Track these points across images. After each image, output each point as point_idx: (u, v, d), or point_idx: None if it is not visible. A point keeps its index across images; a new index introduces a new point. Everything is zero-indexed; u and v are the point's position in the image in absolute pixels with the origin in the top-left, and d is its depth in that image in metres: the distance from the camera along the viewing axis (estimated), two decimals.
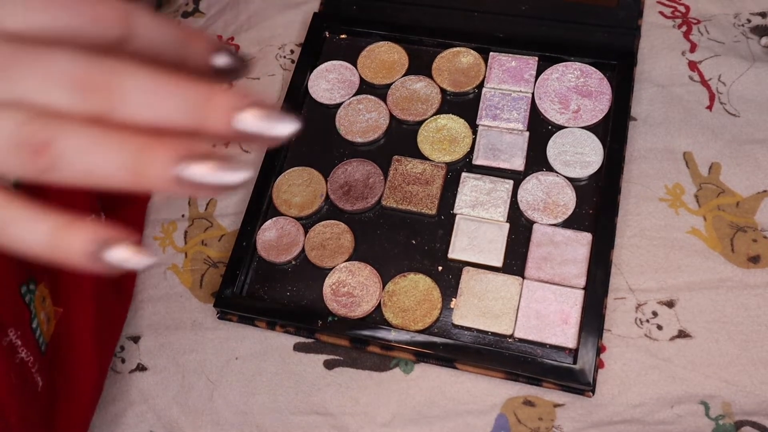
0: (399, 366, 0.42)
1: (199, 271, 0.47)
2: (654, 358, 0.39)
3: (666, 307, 0.41)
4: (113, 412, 0.44)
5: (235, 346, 0.44)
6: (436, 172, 0.45)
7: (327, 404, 0.41)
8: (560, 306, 0.40)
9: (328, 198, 0.46)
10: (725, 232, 0.42)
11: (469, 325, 0.41)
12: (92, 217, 0.43)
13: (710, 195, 0.43)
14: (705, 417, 0.38)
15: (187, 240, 0.48)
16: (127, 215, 0.48)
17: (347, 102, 0.49)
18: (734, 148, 0.44)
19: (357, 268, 0.43)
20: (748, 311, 0.40)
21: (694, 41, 0.48)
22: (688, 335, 0.40)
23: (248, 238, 0.45)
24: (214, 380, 0.43)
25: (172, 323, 0.45)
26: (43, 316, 0.38)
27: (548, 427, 0.39)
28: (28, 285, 0.37)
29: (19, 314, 0.36)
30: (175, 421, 0.43)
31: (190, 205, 0.49)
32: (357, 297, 0.42)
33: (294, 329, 0.43)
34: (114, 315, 0.44)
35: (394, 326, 0.41)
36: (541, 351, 0.40)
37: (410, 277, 0.42)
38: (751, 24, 0.48)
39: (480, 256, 0.42)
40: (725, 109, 0.45)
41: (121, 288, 0.45)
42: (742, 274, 0.41)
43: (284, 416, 0.41)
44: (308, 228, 0.45)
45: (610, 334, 0.40)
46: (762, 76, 0.45)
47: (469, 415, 0.40)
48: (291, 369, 0.43)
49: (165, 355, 0.44)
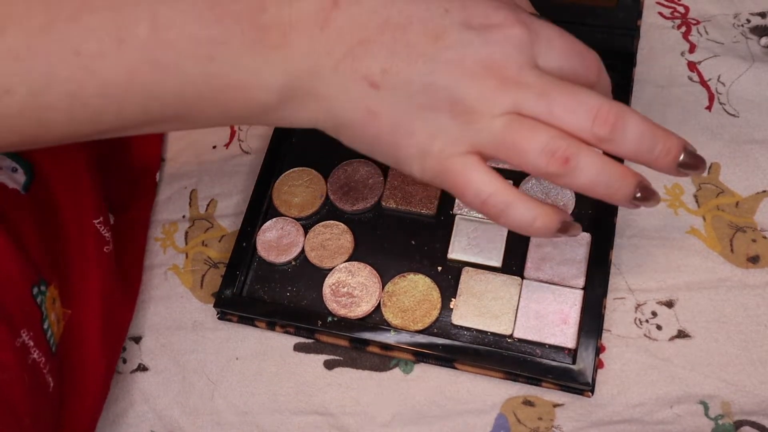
0: (399, 366, 0.42)
1: (199, 272, 0.47)
2: (653, 358, 0.39)
3: (665, 307, 0.41)
4: (114, 412, 0.44)
5: (236, 346, 0.44)
6: None
7: (327, 404, 0.41)
8: (559, 306, 0.40)
9: (328, 198, 0.46)
10: (724, 232, 0.42)
11: (469, 325, 0.41)
12: (100, 220, 0.43)
13: (709, 195, 0.43)
14: (704, 417, 0.38)
15: (188, 241, 0.48)
16: (133, 215, 0.48)
17: None
18: (734, 148, 0.44)
19: (357, 269, 0.43)
20: (748, 311, 0.40)
21: (693, 42, 0.48)
22: (687, 335, 0.40)
23: (248, 239, 0.45)
24: (215, 380, 0.43)
25: (173, 324, 0.45)
26: (53, 317, 0.38)
27: (548, 426, 0.39)
28: (40, 286, 0.37)
29: (31, 315, 0.36)
30: (175, 421, 0.43)
31: (190, 206, 0.49)
32: (357, 297, 0.42)
33: (294, 329, 0.43)
34: (120, 316, 0.44)
35: (394, 326, 0.41)
36: (541, 351, 0.40)
37: (410, 278, 0.43)
38: (751, 24, 0.48)
39: (479, 256, 0.42)
40: (725, 109, 0.45)
41: (127, 289, 0.45)
42: (742, 274, 0.41)
43: (284, 416, 0.42)
44: (308, 228, 0.45)
45: (610, 334, 0.40)
46: (761, 76, 0.46)
47: (469, 414, 0.40)
48: (291, 369, 0.43)
49: (166, 355, 0.45)
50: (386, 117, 0.30)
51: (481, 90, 0.29)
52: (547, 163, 0.30)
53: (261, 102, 0.30)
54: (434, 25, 0.30)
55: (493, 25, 0.30)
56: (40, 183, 0.40)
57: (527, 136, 0.29)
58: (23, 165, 0.40)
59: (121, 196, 0.48)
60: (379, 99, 0.30)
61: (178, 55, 0.28)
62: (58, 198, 0.41)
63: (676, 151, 0.31)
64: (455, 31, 0.30)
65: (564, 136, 0.30)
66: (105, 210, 0.44)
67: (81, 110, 0.28)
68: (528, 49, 0.30)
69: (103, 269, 0.42)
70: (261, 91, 0.30)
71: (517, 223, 0.32)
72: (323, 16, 0.29)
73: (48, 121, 0.28)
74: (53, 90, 0.27)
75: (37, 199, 0.40)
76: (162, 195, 0.50)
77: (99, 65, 0.27)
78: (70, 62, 0.27)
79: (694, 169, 0.32)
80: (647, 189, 0.32)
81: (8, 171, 0.39)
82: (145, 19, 0.27)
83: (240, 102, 0.30)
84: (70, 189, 0.42)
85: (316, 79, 0.30)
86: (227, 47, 0.28)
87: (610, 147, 0.30)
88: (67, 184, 0.42)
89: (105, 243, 0.43)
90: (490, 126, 0.30)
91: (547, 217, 0.32)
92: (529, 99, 0.29)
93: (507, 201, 0.31)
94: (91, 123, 0.29)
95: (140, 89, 0.28)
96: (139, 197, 0.49)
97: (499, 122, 0.30)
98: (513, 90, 0.29)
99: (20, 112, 0.28)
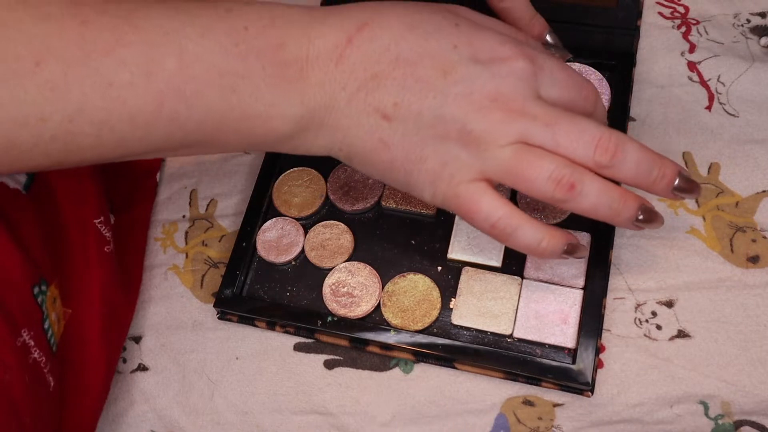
0: (399, 366, 0.42)
1: (199, 272, 0.47)
2: (653, 358, 0.39)
3: (665, 307, 0.41)
4: (114, 412, 0.44)
5: (236, 346, 0.44)
6: None
7: (327, 404, 0.42)
8: (559, 306, 0.40)
9: (328, 198, 0.46)
10: (724, 232, 0.42)
11: (469, 325, 0.41)
12: (101, 219, 0.43)
13: (709, 195, 0.43)
14: (704, 416, 0.38)
15: (188, 240, 0.48)
16: (134, 215, 0.48)
17: None
18: (733, 148, 0.44)
19: (357, 268, 0.43)
20: (747, 311, 0.40)
21: (693, 42, 0.48)
22: (687, 335, 0.40)
23: (248, 239, 0.45)
24: (215, 380, 0.43)
25: (173, 323, 0.45)
26: (54, 316, 0.38)
27: (548, 426, 0.39)
28: (40, 286, 0.37)
29: (31, 315, 0.36)
30: (175, 421, 0.43)
31: (190, 206, 0.49)
32: (356, 297, 0.42)
33: (294, 329, 0.43)
34: (121, 315, 0.44)
35: (394, 326, 0.41)
36: (541, 351, 0.40)
37: (410, 277, 0.43)
38: (751, 24, 0.48)
39: (479, 256, 0.42)
40: (724, 109, 0.45)
41: (127, 288, 0.45)
42: (742, 274, 0.41)
43: (284, 416, 0.42)
44: (308, 228, 0.45)
45: (610, 334, 0.40)
46: (761, 76, 0.46)
47: (469, 414, 0.40)
48: (291, 369, 0.43)
49: (166, 355, 0.45)
50: (398, 147, 0.32)
51: (490, 121, 0.31)
52: (553, 189, 0.32)
53: (278, 131, 0.32)
54: (443, 61, 0.32)
55: (499, 58, 0.32)
56: (41, 183, 0.40)
57: (535, 165, 0.31)
58: None
59: (121, 196, 0.48)
60: (391, 130, 0.32)
61: (203, 86, 0.30)
62: (59, 198, 0.41)
63: (671, 175, 0.33)
64: (463, 65, 0.32)
65: (568, 164, 0.32)
66: (106, 210, 0.44)
67: (108, 136, 0.30)
68: (532, 81, 0.32)
69: (103, 269, 0.42)
70: (279, 121, 0.32)
71: (524, 245, 0.34)
72: (338, 53, 0.31)
73: (77, 145, 0.30)
74: (85, 117, 0.29)
75: (38, 199, 0.40)
76: (162, 195, 0.50)
77: (129, 95, 0.29)
78: (103, 92, 0.29)
79: (688, 193, 0.34)
80: (650, 211, 0.34)
81: None
82: (173, 54, 0.30)
83: (259, 131, 0.32)
84: (71, 189, 0.42)
85: (331, 111, 0.32)
86: (249, 81, 0.31)
87: (610, 173, 0.32)
88: (68, 183, 0.42)
89: (106, 243, 0.43)
90: (498, 155, 0.32)
91: (553, 240, 0.34)
92: (535, 129, 0.31)
93: (515, 224, 0.33)
94: (117, 147, 0.31)
95: (166, 117, 0.30)
96: (139, 197, 0.49)
97: (507, 151, 0.32)
98: (519, 121, 0.32)
99: (52, 138, 0.29)
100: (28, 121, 0.28)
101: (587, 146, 0.32)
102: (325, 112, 0.32)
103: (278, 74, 0.31)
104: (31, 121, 0.28)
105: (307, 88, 0.31)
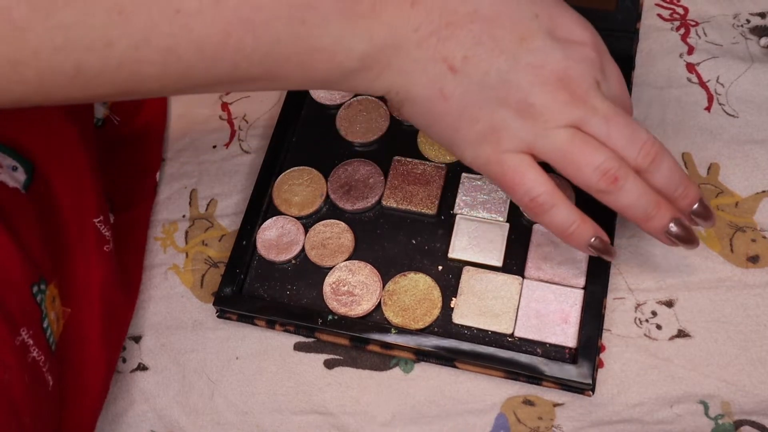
0: (399, 365, 0.42)
1: (199, 271, 0.47)
2: (653, 358, 0.40)
3: (665, 307, 0.41)
4: (114, 411, 0.44)
5: (236, 345, 0.44)
6: (437, 173, 0.45)
7: (327, 404, 0.41)
8: (560, 305, 0.40)
9: (328, 197, 0.46)
10: (724, 232, 0.42)
11: (469, 324, 0.41)
12: (100, 219, 0.43)
13: (709, 195, 0.43)
14: (704, 416, 0.38)
15: (188, 240, 0.48)
16: (134, 215, 0.48)
17: (348, 103, 0.49)
18: (733, 149, 0.44)
19: (357, 267, 0.43)
20: (747, 311, 0.40)
21: (692, 44, 0.48)
22: (687, 335, 0.40)
23: (248, 237, 0.45)
24: (215, 380, 0.43)
25: (173, 323, 0.45)
26: (53, 315, 0.38)
27: (548, 426, 0.39)
28: (39, 285, 0.37)
29: (30, 314, 0.36)
30: (175, 420, 0.43)
31: (190, 206, 0.49)
32: (357, 296, 0.42)
33: (294, 328, 0.43)
34: (120, 315, 0.44)
35: (394, 325, 0.41)
36: (541, 350, 0.40)
37: (410, 277, 0.43)
38: (751, 24, 0.48)
39: (480, 255, 0.42)
40: (724, 110, 0.45)
41: (127, 288, 0.45)
42: (741, 274, 0.41)
43: (284, 416, 0.42)
44: (308, 227, 0.45)
45: (610, 334, 0.40)
46: (760, 76, 0.46)
47: (469, 414, 0.40)
48: (291, 369, 0.43)
49: (166, 354, 0.45)
50: (456, 101, 0.32)
51: (553, 100, 0.32)
52: (599, 179, 0.32)
53: (343, 67, 0.32)
54: (522, 26, 0.32)
55: (575, 41, 0.33)
56: (41, 182, 0.40)
57: (587, 153, 0.32)
58: (23, 164, 0.40)
59: (121, 196, 0.48)
60: (454, 83, 0.32)
61: (272, 16, 0.29)
62: (59, 197, 0.41)
63: (693, 197, 0.35)
64: (540, 37, 0.32)
65: (617, 158, 0.33)
66: (105, 209, 0.44)
67: (174, 65, 0.29)
68: (598, 73, 0.33)
69: (103, 268, 0.42)
70: (344, 56, 0.31)
71: (557, 224, 0.34)
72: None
73: (142, 74, 0.29)
74: (152, 45, 0.28)
75: (38, 198, 0.40)
76: (162, 194, 0.50)
77: (196, 22, 0.28)
78: (170, 19, 0.28)
79: (704, 219, 0.35)
80: (685, 228, 0.35)
81: (8, 170, 0.39)
82: None
83: (323, 65, 0.31)
84: (71, 188, 0.42)
85: (398, 52, 0.31)
86: (318, 12, 0.30)
87: (644, 176, 0.34)
88: (68, 182, 0.42)
89: (105, 242, 0.43)
90: (553, 135, 0.32)
91: (583, 225, 0.35)
92: (593, 119, 0.32)
93: (553, 202, 0.34)
94: (182, 78, 0.30)
95: (232, 47, 0.29)
96: (139, 196, 0.49)
97: (563, 134, 0.32)
98: (581, 107, 0.32)
99: (118, 65, 0.28)
100: (95, 45, 0.27)
101: (634, 146, 0.33)
102: (391, 52, 0.31)
103: (349, 8, 0.30)
104: (97, 45, 0.28)
105: (378, 25, 0.31)
